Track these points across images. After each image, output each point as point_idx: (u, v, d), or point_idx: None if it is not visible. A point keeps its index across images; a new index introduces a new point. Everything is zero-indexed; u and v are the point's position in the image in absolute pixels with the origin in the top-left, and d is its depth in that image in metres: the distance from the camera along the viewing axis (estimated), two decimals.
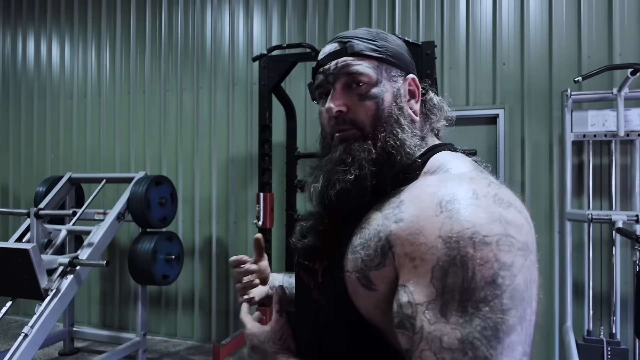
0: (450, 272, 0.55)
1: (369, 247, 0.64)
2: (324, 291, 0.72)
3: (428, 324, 0.55)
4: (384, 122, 0.73)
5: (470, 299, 0.54)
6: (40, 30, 4.44)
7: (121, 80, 4.13)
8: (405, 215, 0.62)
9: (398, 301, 0.58)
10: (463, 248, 0.55)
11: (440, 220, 0.58)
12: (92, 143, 4.19)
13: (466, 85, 3.20)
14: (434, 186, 0.63)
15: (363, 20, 3.45)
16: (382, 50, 0.76)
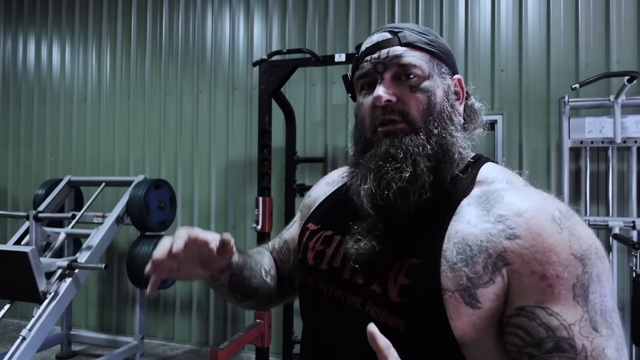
0: (590, 288, 0.58)
1: (475, 263, 0.61)
2: (405, 312, 0.64)
3: (589, 342, 0.56)
4: (437, 117, 0.70)
5: (607, 309, 0.59)
6: (41, 34, 4.46)
7: (121, 83, 4.14)
8: (521, 232, 0.61)
9: (545, 325, 0.58)
10: (596, 265, 0.59)
11: (566, 238, 0.60)
12: (91, 146, 4.20)
13: None
14: (530, 201, 0.64)
15: (363, 26, 3.47)
16: (434, 44, 0.73)
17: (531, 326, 0.58)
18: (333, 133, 3.51)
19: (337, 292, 0.73)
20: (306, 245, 0.82)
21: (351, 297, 0.70)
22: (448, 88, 0.73)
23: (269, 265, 0.93)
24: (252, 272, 0.87)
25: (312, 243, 0.80)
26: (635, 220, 2.52)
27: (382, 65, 0.71)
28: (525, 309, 0.59)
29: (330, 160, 3.49)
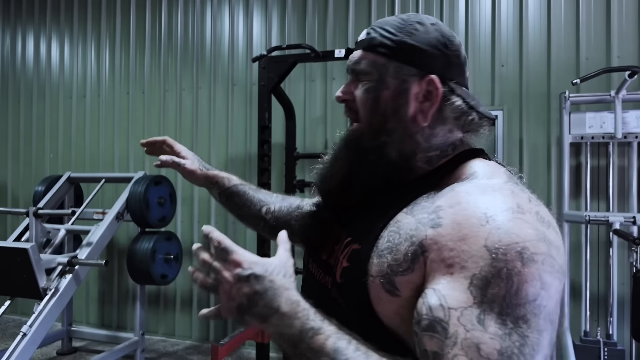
0: (492, 283, 0.54)
1: (397, 251, 0.62)
2: (344, 292, 0.69)
3: (464, 330, 0.53)
4: (380, 119, 0.74)
5: (511, 313, 0.53)
6: (39, 30, 4.44)
7: (120, 80, 4.13)
8: (445, 221, 0.60)
9: (427, 304, 0.57)
10: (511, 262, 0.54)
11: (487, 230, 0.57)
12: (91, 142, 4.19)
13: None
14: (476, 195, 0.62)
15: (362, 21, 3.46)
16: (397, 46, 0.72)
17: (419, 304, 0.58)
18: (333, 129, 3.50)
19: (319, 272, 0.81)
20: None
21: (325, 276, 0.79)
22: (403, 91, 0.72)
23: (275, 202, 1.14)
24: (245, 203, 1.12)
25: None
26: (635, 215, 2.51)
27: (348, 67, 0.80)
28: (425, 289, 0.59)
29: None
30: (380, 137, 0.74)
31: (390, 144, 0.73)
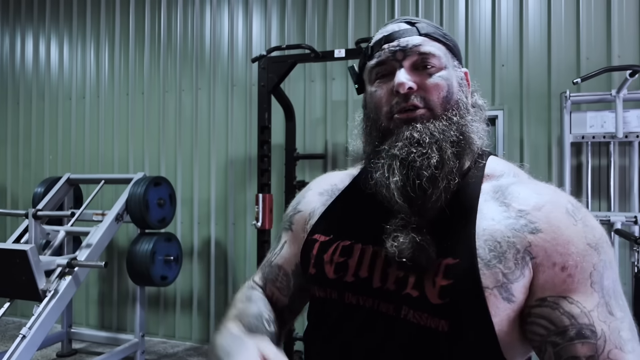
0: (604, 275, 0.62)
1: (507, 259, 0.63)
2: (449, 312, 0.64)
3: (607, 326, 0.60)
4: (454, 106, 0.71)
5: (618, 293, 0.63)
6: (39, 31, 4.43)
7: (120, 81, 4.12)
8: (542, 226, 0.64)
9: (568, 313, 0.61)
10: (607, 252, 0.63)
11: (581, 229, 0.63)
12: (90, 144, 4.18)
13: None
14: (545, 195, 0.67)
15: (362, 21, 3.45)
16: (448, 38, 0.76)
17: (554, 315, 0.61)
18: (333, 129, 3.50)
19: (369, 301, 0.70)
20: (319, 258, 0.76)
21: (384, 304, 0.69)
22: (461, 80, 0.76)
23: (267, 310, 0.84)
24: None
25: (329, 255, 0.75)
26: (637, 215, 2.51)
27: (402, 52, 0.70)
28: (547, 299, 0.62)
29: (330, 157, 3.48)
30: (453, 119, 0.70)
31: (472, 132, 0.71)
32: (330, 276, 0.74)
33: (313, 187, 0.90)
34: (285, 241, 0.88)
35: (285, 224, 0.90)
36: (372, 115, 0.74)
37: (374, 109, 0.74)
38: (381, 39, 0.73)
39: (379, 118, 0.72)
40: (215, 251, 3.77)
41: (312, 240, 0.80)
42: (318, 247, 0.77)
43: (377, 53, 0.73)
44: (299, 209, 0.88)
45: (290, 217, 0.89)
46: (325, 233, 0.78)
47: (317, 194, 0.87)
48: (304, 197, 0.89)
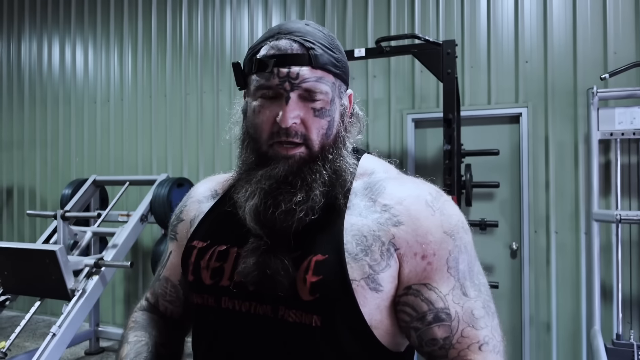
0: (460, 259, 0.68)
1: (373, 252, 0.67)
2: (320, 307, 0.67)
3: (460, 307, 0.66)
4: (332, 143, 0.73)
5: (474, 273, 0.69)
6: (64, 37, 4.55)
7: (143, 84, 4.19)
8: (404, 219, 0.68)
9: (427, 300, 0.66)
10: (463, 237, 0.69)
11: (438, 218, 0.69)
12: (115, 146, 4.26)
13: (488, 83, 3.15)
14: (407, 189, 0.72)
15: (382, 20, 3.43)
16: (340, 64, 0.74)
17: (416, 302, 0.67)
18: None
19: (245, 305, 0.71)
20: (197, 264, 0.76)
21: (261, 306, 0.70)
22: (344, 109, 0.77)
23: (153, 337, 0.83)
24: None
25: (205, 261, 0.75)
26: None
27: (289, 84, 0.68)
28: (411, 287, 0.67)
29: None
30: (328, 157, 0.72)
31: (333, 161, 0.72)
32: (206, 282, 0.74)
33: (193, 194, 0.88)
34: (171, 252, 0.87)
35: (170, 234, 0.88)
36: (252, 132, 0.73)
37: (253, 128, 0.72)
38: (271, 56, 0.69)
39: (258, 140, 0.72)
40: None
41: (191, 247, 0.78)
42: (196, 253, 0.76)
43: (266, 74, 0.69)
44: (181, 217, 0.86)
45: (174, 227, 0.88)
46: (203, 239, 0.78)
47: (197, 202, 0.85)
48: (185, 205, 0.87)
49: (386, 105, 3.40)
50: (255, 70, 0.70)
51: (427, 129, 3.34)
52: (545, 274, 2.99)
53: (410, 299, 0.67)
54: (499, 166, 3.11)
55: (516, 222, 3.10)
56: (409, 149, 3.32)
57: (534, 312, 3.00)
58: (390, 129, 3.38)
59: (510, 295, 3.10)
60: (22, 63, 4.71)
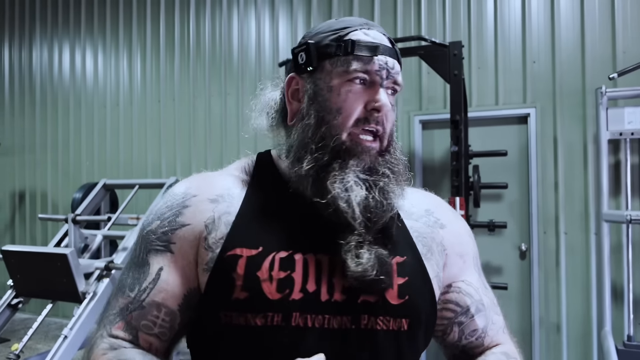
0: (477, 257, 0.78)
1: (434, 252, 0.72)
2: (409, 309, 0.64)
3: (487, 297, 0.74)
4: (393, 139, 0.71)
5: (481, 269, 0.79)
6: (74, 42, 4.60)
7: (151, 88, 4.23)
8: (445, 222, 0.75)
9: (468, 294, 0.72)
10: (474, 239, 0.80)
11: (463, 222, 0.79)
12: (124, 150, 4.31)
13: (495, 84, 3.14)
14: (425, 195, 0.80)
15: (388, 22, 3.43)
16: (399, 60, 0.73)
17: (459, 298, 0.72)
18: None
19: (318, 319, 0.61)
20: (251, 277, 0.61)
21: (335, 318, 0.62)
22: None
23: None
24: None
25: (265, 271, 0.62)
26: None
27: (386, 73, 0.67)
28: (452, 285, 0.72)
29: None
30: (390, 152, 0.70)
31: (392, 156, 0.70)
32: (272, 297, 0.61)
33: (198, 193, 0.69)
34: (162, 268, 0.65)
35: (157, 245, 0.66)
36: (328, 116, 0.66)
37: (334, 111, 0.66)
38: (368, 43, 0.67)
39: (337, 125, 0.65)
40: None
41: (233, 256, 0.63)
42: (245, 263, 0.62)
43: (365, 58, 0.66)
44: (182, 222, 0.66)
45: (166, 234, 0.67)
46: (250, 245, 0.63)
47: (209, 201, 0.68)
48: (185, 205, 0.68)
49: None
50: (351, 51, 0.66)
51: (435, 131, 3.33)
52: (555, 274, 2.97)
53: (453, 296, 0.72)
54: (507, 167, 3.09)
55: (525, 223, 3.08)
56: (417, 151, 3.31)
57: (543, 313, 2.98)
58: (397, 130, 3.38)
59: (519, 296, 3.08)
60: (33, 69, 4.78)
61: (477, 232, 3.13)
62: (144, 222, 0.70)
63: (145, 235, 0.68)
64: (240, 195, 0.69)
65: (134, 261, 0.68)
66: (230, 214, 0.67)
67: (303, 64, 0.69)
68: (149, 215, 0.70)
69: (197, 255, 0.65)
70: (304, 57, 0.68)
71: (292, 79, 0.71)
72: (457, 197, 2.41)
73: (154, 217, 0.69)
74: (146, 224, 0.69)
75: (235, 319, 0.61)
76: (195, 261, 0.65)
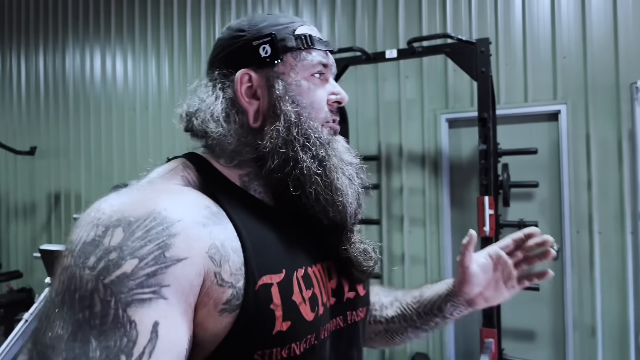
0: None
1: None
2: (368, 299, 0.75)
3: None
4: None
5: None
6: (105, 48, 4.74)
7: (179, 90, 4.32)
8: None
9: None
10: None
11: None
12: (153, 151, 4.41)
13: (524, 81, 3.07)
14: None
15: (413, 20, 3.41)
16: None
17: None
18: (386, 130, 3.47)
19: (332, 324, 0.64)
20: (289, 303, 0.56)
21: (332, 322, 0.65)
22: None
23: None
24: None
25: (298, 294, 0.57)
26: None
27: (332, 68, 0.70)
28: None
29: (384, 158, 3.46)
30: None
31: None
32: (309, 318, 0.58)
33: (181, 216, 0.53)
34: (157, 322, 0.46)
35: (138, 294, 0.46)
36: (303, 111, 0.64)
37: (308, 105, 0.65)
38: (321, 38, 0.68)
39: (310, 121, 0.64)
40: None
41: (264, 286, 0.55)
42: (278, 291, 0.56)
43: (322, 52, 0.66)
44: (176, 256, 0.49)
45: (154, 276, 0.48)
46: (274, 270, 0.57)
47: (200, 225, 0.54)
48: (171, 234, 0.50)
49: (419, 105, 3.37)
50: (312, 45, 0.65)
51: (462, 129, 3.29)
52: (589, 275, 2.89)
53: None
54: (538, 165, 3.02)
55: (557, 223, 3.00)
56: (443, 150, 3.28)
57: (577, 315, 2.90)
58: (423, 129, 3.35)
59: (551, 298, 3.00)
60: (66, 75, 4.94)
61: (506, 232, 3.07)
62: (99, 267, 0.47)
63: (112, 283, 0.46)
64: (220, 212, 0.57)
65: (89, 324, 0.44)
66: (231, 238, 0.55)
67: (268, 58, 0.63)
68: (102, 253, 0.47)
69: (203, 295, 0.51)
70: (268, 50, 0.63)
71: (245, 74, 0.64)
72: (485, 196, 2.37)
73: (121, 254, 0.47)
74: (105, 268, 0.47)
75: (276, 355, 0.54)
76: (194, 304, 0.51)
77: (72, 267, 0.47)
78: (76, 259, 0.48)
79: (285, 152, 0.61)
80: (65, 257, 0.49)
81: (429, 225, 3.31)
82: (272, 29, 0.64)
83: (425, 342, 3.26)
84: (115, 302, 0.45)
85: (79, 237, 0.50)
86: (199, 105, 0.67)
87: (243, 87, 0.64)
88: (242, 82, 0.64)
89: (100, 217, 0.52)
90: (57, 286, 0.47)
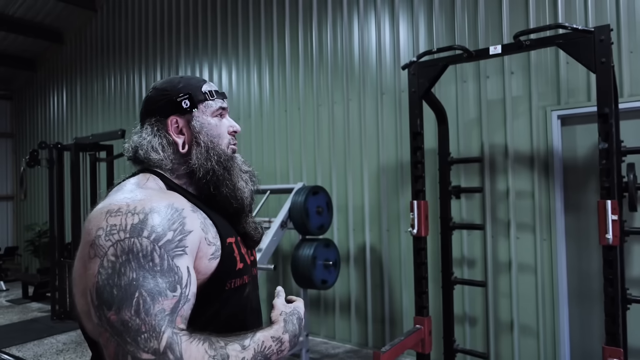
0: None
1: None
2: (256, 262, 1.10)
3: None
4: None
5: None
6: (212, 62, 5.11)
7: (279, 99, 4.51)
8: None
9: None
10: None
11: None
12: (256, 157, 4.65)
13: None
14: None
15: (519, 15, 3.20)
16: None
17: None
18: (489, 130, 3.30)
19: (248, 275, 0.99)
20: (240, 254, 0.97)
21: (250, 272, 1.01)
22: None
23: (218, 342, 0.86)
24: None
25: (238, 250, 0.96)
26: None
27: (227, 109, 1.05)
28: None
29: (488, 160, 3.29)
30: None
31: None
32: (243, 265, 0.97)
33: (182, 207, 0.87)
34: (188, 267, 0.82)
35: (176, 251, 0.81)
36: (215, 140, 0.99)
37: (216, 137, 0.99)
38: (218, 91, 1.04)
39: (220, 144, 0.99)
40: (371, 257, 3.85)
41: (229, 244, 0.94)
42: (235, 246, 0.95)
43: (220, 100, 1.02)
44: (188, 229, 0.84)
45: (179, 241, 0.82)
46: (230, 235, 0.96)
47: (192, 211, 0.89)
48: (184, 217, 0.85)
49: (526, 102, 3.16)
50: (214, 97, 1.01)
51: (577, 126, 3.01)
52: None
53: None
54: None
55: None
56: (555, 149, 3.03)
57: None
58: (531, 127, 3.13)
59: None
60: None
61: (633, 240, 2.74)
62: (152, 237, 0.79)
63: (163, 245, 0.80)
64: (190, 204, 0.91)
65: (154, 269, 0.77)
66: (206, 218, 0.92)
67: (188, 108, 0.98)
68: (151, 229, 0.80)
69: (199, 251, 0.86)
70: (187, 102, 0.98)
71: (173, 119, 0.97)
72: (608, 200, 2.14)
73: (163, 230, 0.81)
74: (157, 237, 0.79)
75: (235, 283, 0.94)
76: (196, 255, 0.86)
77: (129, 239, 0.77)
78: (131, 233, 0.78)
79: (206, 166, 0.96)
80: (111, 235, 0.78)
81: (539, 231, 3.08)
82: (188, 88, 0.99)
83: (537, 357, 3.03)
84: (167, 257, 0.79)
85: (124, 222, 0.79)
86: (141, 141, 0.97)
87: (172, 127, 0.97)
88: (171, 124, 0.97)
89: (135, 207, 0.82)
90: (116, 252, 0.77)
